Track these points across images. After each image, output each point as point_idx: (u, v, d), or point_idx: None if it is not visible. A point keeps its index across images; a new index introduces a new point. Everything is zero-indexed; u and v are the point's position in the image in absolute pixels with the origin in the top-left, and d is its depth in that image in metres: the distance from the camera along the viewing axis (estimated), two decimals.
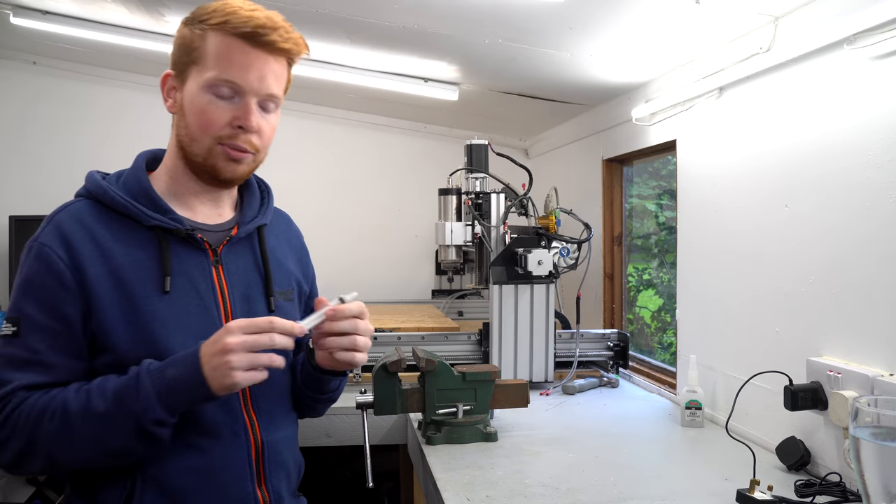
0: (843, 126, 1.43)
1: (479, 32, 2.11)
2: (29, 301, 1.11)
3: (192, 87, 1.16)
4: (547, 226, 2.30)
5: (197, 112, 1.15)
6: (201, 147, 1.17)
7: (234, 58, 1.13)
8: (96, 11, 2.54)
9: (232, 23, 1.13)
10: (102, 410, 1.06)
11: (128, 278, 1.13)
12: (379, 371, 1.68)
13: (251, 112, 1.15)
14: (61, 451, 1.08)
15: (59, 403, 1.07)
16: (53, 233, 1.14)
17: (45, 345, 1.10)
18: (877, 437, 0.96)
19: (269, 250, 1.31)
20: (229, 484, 1.18)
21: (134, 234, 1.17)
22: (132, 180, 1.21)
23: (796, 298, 1.57)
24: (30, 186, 3.27)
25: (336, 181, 3.59)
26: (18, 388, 1.08)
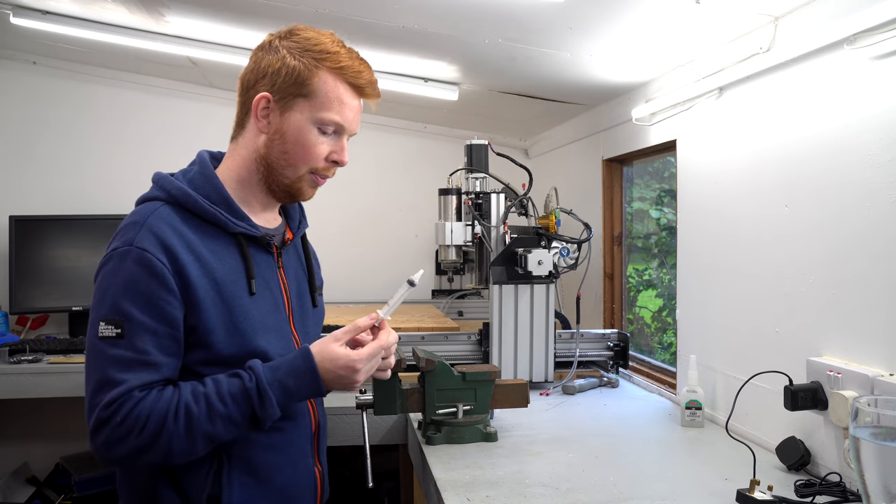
0: (843, 126, 1.43)
1: (479, 32, 2.11)
2: (132, 303, 1.15)
3: (298, 118, 1.26)
4: (547, 226, 2.30)
5: (302, 144, 1.27)
6: (295, 173, 1.30)
7: (346, 104, 1.28)
8: (96, 11, 2.54)
9: (346, 72, 1.27)
10: (223, 412, 1.17)
11: (222, 281, 1.23)
12: None
13: (345, 150, 1.32)
14: (181, 446, 1.16)
15: (181, 405, 1.16)
16: (150, 237, 1.18)
17: (151, 345, 1.16)
18: (877, 437, 0.96)
19: (310, 251, 1.49)
20: (299, 459, 1.34)
21: (219, 240, 1.26)
22: (208, 187, 1.28)
23: (796, 298, 1.57)
24: (30, 186, 3.27)
25: (336, 181, 3.53)
26: (132, 389, 1.14)
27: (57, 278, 3.04)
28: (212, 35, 2.62)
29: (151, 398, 1.15)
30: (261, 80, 1.27)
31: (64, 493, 3.03)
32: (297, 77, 1.25)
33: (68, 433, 3.19)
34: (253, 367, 1.21)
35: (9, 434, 3.22)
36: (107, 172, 3.33)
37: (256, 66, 1.28)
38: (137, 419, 1.13)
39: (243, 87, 1.30)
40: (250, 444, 1.26)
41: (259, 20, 2.34)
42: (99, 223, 3.09)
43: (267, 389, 1.19)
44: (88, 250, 3.04)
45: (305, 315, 1.42)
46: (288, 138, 1.27)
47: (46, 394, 2.53)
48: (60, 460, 3.17)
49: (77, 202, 3.25)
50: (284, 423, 1.29)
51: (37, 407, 3.07)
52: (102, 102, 3.35)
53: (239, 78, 1.31)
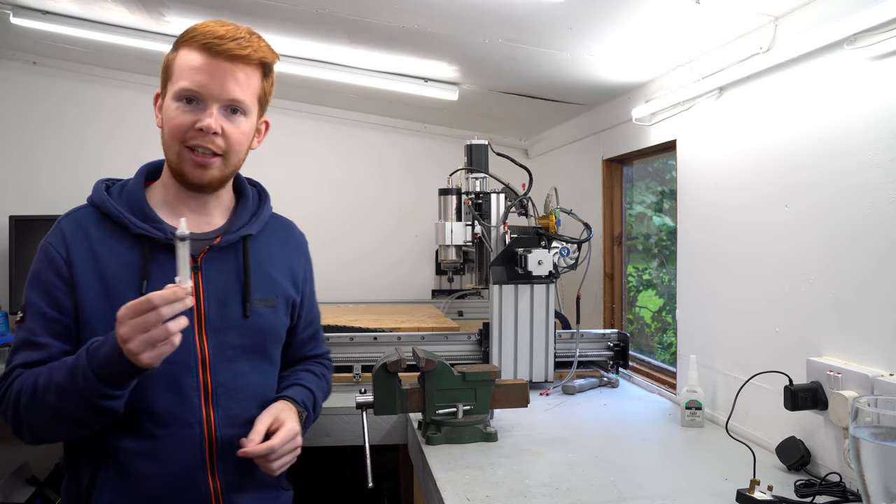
0: (843, 126, 1.43)
1: (479, 32, 2.11)
2: (33, 290, 1.28)
3: (166, 101, 1.31)
4: (547, 226, 2.30)
5: (167, 120, 1.29)
6: (172, 152, 1.30)
7: (197, 68, 1.26)
8: (96, 11, 2.54)
9: (196, 38, 1.27)
10: (61, 383, 1.18)
11: (111, 278, 1.27)
12: (379, 371, 1.68)
13: (209, 115, 1.26)
14: (35, 420, 1.23)
15: (33, 378, 1.21)
16: (58, 233, 1.32)
17: (40, 328, 1.25)
18: (877, 437, 0.96)
19: (255, 259, 1.39)
20: (179, 471, 1.28)
21: (123, 240, 1.30)
22: (130, 191, 1.37)
23: (796, 298, 1.57)
24: (30, 186, 3.26)
25: (336, 181, 3.59)
26: (17, 366, 1.25)
27: None
28: None
29: (23, 375, 1.23)
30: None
31: None
32: (165, 65, 1.32)
33: None
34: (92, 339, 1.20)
35: (9, 434, 3.21)
36: (107, 172, 3.26)
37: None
38: (10, 395, 1.23)
39: None
40: (123, 448, 1.27)
41: (259, 20, 2.34)
42: None
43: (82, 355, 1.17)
44: None
45: (227, 325, 1.33)
46: (164, 122, 1.32)
47: None
48: (60, 460, 3.16)
49: (77, 202, 3.21)
50: (158, 430, 1.26)
51: None
52: (102, 102, 3.35)
53: None
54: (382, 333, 2.34)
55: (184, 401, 1.28)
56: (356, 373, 2.24)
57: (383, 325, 2.53)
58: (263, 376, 1.40)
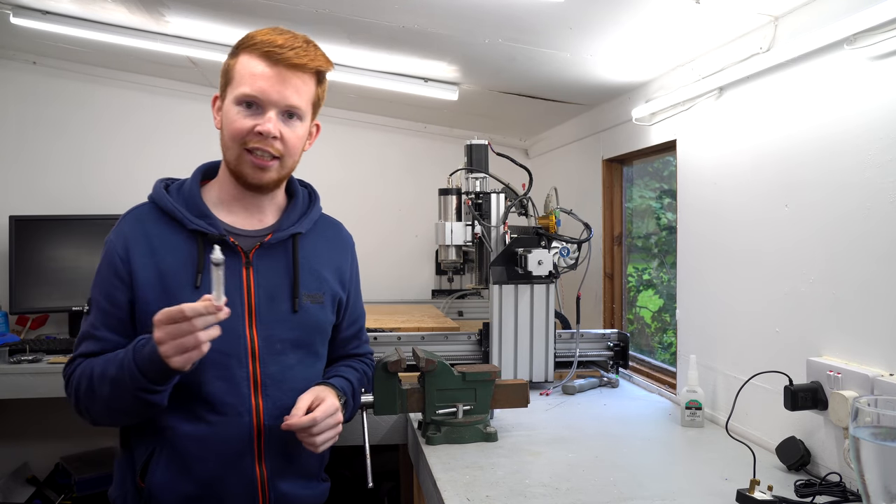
0: (843, 126, 1.43)
1: (479, 32, 2.11)
2: (95, 286, 1.37)
3: (227, 104, 1.35)
4: (547, 226, 2.30)
5: (228, 123, 1.34)
6: (232, 154, 1.35)
7: (258, 74, 1.31)
8: (96, 11, 2.54)
9: (257, 45, 1.32)
10: (112, 375, 1.27)
11: (168, 272, 1.34)
12: (379, 371, 1.68)
13: (269, 120, 1.32)
14: (92, 407, 1.33)
15: (90, 368, 1.32)
16: (118, 231, 1.39)
17: (99, 321, 1.35)
18: (877, 437, 0.96)
19: (304, 257, 1.46)
20: (230, 456, 1.36)
21: (178, 235, 1.37)
22: (187, 189, 1.42)
23: (796, 298, 1.57)
24: (30, 186, 3.26)
25: (336, 181, 3.58)
26: (79, 356, 1.37)
27: (57, 278, 3.04)
28: (212, 35, 2.62)
29: (83, 365, 1.35)
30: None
31: (64, 493, 3.03)
32: (225, 70, 1.37)
33: (68, 433, 3.19)
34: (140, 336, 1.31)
35: (9, 434, 3.22)
36: (107, 172, 3.33)
37: None
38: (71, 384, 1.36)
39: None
40: (179, 431, 1.35)
41: (259, 20, 2.34)
42: (99, 223, 3.08)
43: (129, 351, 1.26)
44: (88, 250, 3.04)
45: (277, 319, 1.40)
46: (224, 125, 1.36)
47: (46, 394, 2.52)
48: (60, 460, 3.17)
49: (77, 202, 3.24)
50: (211, 416, 1.35)
51: (37, 407, 3.06)
52: (102, 102, 3.35)
53: None
54: (382, 333, 2.34)
55: (235, 390, 1.36)
56: None
57: (383, 325, 2.53)
58: (310, 369, 1.47)
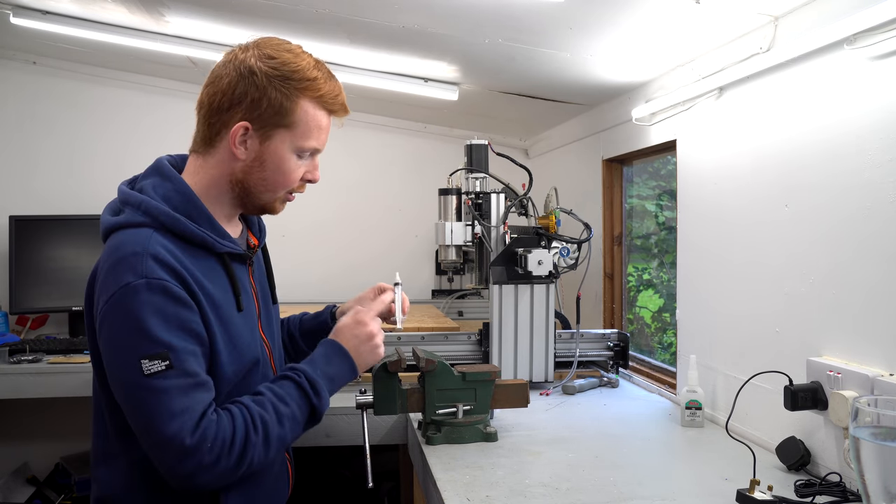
0: (843, 126, 1.43)
1: (479, 32, 2.11)
2: (170, 333, 1.15)
3: (279, 146, 1.27)
4: (547, 226, 2.30)
5: (283, 171, 1.29)
6: (273, 196, 1.32)
7: (323, 128, 1.30)
8: (96, 11, 2.54)
9: (325, 99, 1.28)
10: (289, 413, 1.24)
11: (218, 303, 1.25)
12: (379, 371, 1.68)
13: (318, 167, 1.35)
14: (260, 457, 1.20)
15: (255, 418, 1.20)
16: (159, 266, 1.17)
17: (198, 367, 1.19)
18: (877, 437, 0.96)
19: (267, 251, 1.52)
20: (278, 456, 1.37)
21: (207, 260, 1.27)
22: (189, 206, 1.27)
23: (796, 298, 1.57)
24: (30, 186, 3.26)
25: (336, 181, 3.58)
26: (205, 411, 1.16)
27: (57, 278, 3.04)
28: (212, 35, 2.62)
29: (226, 419, 1.18)
30: (236, 106, 1.24)
31: (64, 493, 3.03)
32: (279, 109, 1.25)
33: (68, 433, 3.19)
34: (295, 367, 1.31)
35: (9, 434, 3.22)
36: (107, 172, 3.31)
37: (232, 88, 1.24)
38: (224, 441, 1.16)
39: (215, 107, 1.26)
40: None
41: (259, 20, 2.34)
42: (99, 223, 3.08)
43: (317, 380, 1.29)
44: (88, 250, 3.04)
45: (269, 315, 1.46)
46: (268, 166, 1.28)
47: (46, 394, 2.53)
48: (60, 460, 3.17)
49: (77, 202, 3.24)
50: None
51: (37, 407, 3.07)
52: (102, 102, 3.35)
53: (207, 94, 1.28)
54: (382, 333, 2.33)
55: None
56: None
57: (383, 325, 2.52)
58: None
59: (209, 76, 1.30)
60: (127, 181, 1.34)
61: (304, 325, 1.66)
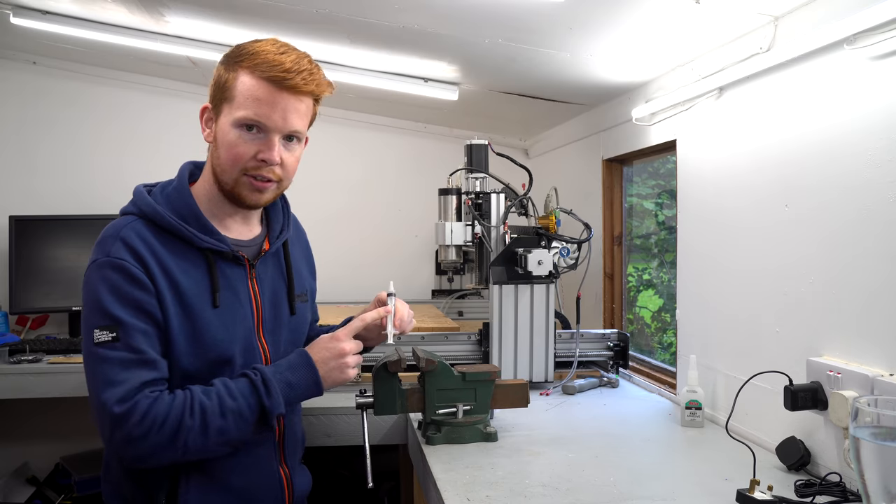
0: (843, 126, 1.43)
1: (479, 32, 2.11)
2: (121, 308, 1.23)
3: (223, 122, 1.30)
4: (547, 226, 2.30)
5: (227, 146, 1.29)
6: (230, 177, 1.32)
7: (261, 99, 1.27)
8: (96, 11, 2.54)
9: (260, 66, 1.26)
10: (233, 407, 1.26)
11: (185, 294, 1.28)
12: (379, 371, 1.68)
13: (273, 147, 1.30)
14: (196, 442, 1.23)
15: (195, 402, 1.24)
16: (123, 248, 1.26)
17: (146, 345, 1.24)
18: (877, 437, 0.96)
19: (292, 260, 1.51)
20: (259, 462, 1.39)
21: (187, 254, 1.31)
22: (180, 202, 1.34)
23: (796, 298, 1.57)
24: (30, 186, 3.26)
25: (336, 181, 3.59)
26: (139, 385, 1.22)
27: (57, 278, 3.04)
28: (212, 35, 2.62)
29: (166, 399, 1.23)
30: (209, 94, 1.35)
31: (64, 493, 3.03)
32: (222, 83, 1.30)
33: (68, 433, 3.19)
34: (256, 366, 1.33)
35: (9, 434, 3.22)
36: (107, 172, 3.33)
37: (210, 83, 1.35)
38: (156, 417, 1.20)
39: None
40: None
41: (259, 20, 2.34)
42: (99, 223, 3.04)
43: (271, 380, 1.29)
44: (88, 250, 2.97)
45: (279, 324, 1.45)
46: (220, 143, 1.31)
47: (46, 394, 2.52)
48: (60, 460, 3.17)
49: (77, 202, 3.25)
50: None
51: (37, 407, 3.07)
52: (102, 102, 3.35)
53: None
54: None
55: None
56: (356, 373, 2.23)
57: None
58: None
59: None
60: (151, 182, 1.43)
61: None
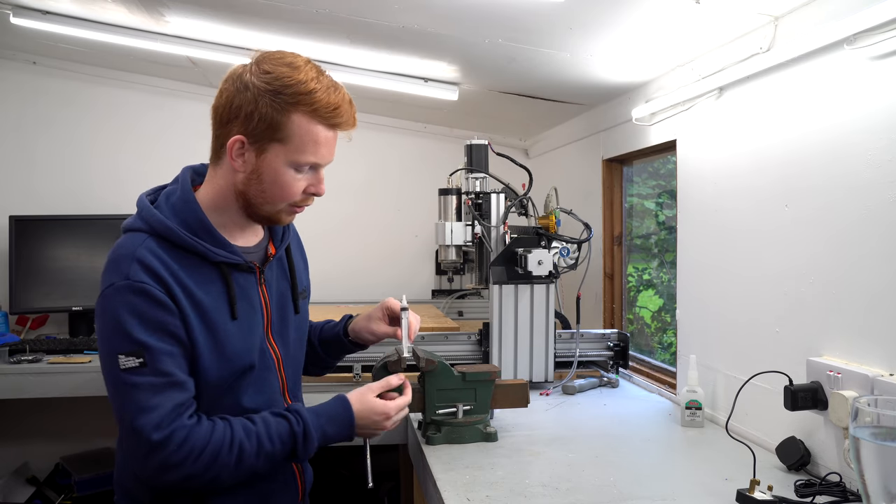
0: (843, 126, 1.43)
1: (479, 32, 2.11)
2: (145, 332, 1.20)
3: (274, 161, 1.27)
4: (547, 226, 2.30)
5: (280, 184, 1.28)
6: (274, 208, 1.32)
7: (320, 142, 1.27)
8: (96, 11, 2.54)
9: (320, 112, 1.25)
10: (269, 451, 1.27)
11: (206, 309, 1.27)
12: (379, 371, 1.68)
13: (323, 181, 1.33)
14: (228, 477, 1.25)
15: (235, 441, 1.24)
16: (141, 270, 1.22)
17: (173, 367, 1.22)
18: (877, 437, 0.96)
19: (293, 259, 1.50)
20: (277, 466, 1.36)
21: (201, 269, 1.29)
22: (189, 214, 1.30)
23: (796, 298, 1.57)
24: (30, 186, 3.26)
25: (336, 181, 3.54)
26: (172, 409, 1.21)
27: (57, 278, 3.04)
28: (212, 35, 2.62)
29: (205, 429, 1.23)
30: (234, 119, 1.26)
31: (64, 493, 3.03)
32: (269, 123, 1.24)
33: (68, 433, 3.19)
34: (299, 411, 1.33)
35: (9, 434, 3.22)
36: (107, 172, 3.33)
37: (229, 102, 1.26)
38: (193, 448, 1.20)
39: (218, 121, 1.29)
40: None
41: (259, 20, 2.34)
42: (99, 223, 3.08)
43: (313, 434, 1.31)
44: (88, 250, 3.04)
45: (286, 325, 1.45)
46: (265, 179, 1.28)
47: (46, 394, 2.53)
48: (60, 460, 3.17)
49: (77, 202, 3.25)
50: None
51: (37, 407, 3.07)
52: (102, 102, 3.35)
53: (212, 108, 1.30)
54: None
55: (271, 399, 1.39)
56: (356, 373, 2.24)
57: None
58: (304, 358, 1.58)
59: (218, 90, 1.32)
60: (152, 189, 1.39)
61: (323, 333, 1.69)
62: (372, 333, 1.60)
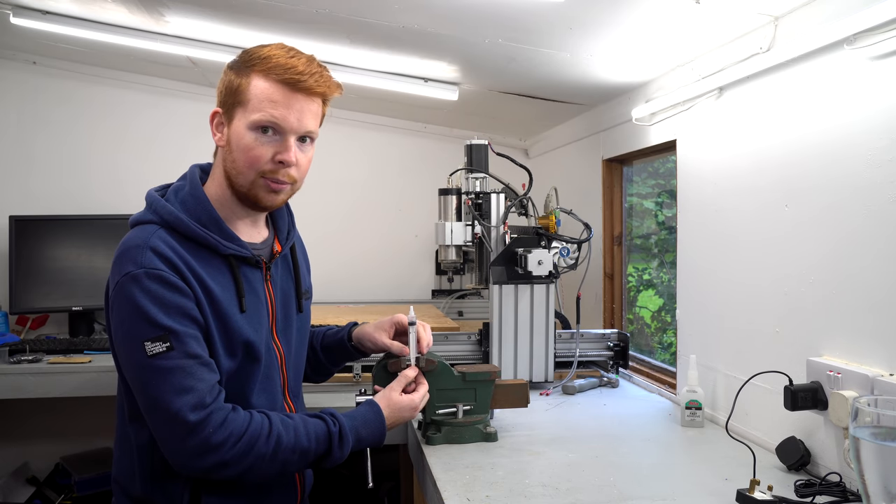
0: (844, 126, 1.43)
1: (479, 32, 2.11)
2: (167, 316, 1.22)
3: (238, 126, 1.30)
4: (547, 226, 2.30)
5: (243, 149, 1.30)
6: (246, 179, 1.32)
7: (277, 101, 1.28)
8: (96, 11, 2.54)
9: (275, 70, 1.28)
10: (306, 447, 1.29)
11: (217, 300, 1.29)
12: (379, 371, 1.68)
13: (290, 149, 1.31)
14: (262, 468, 1.26)
15: (273, 431, 1.26)
16: (156, 258, 1.25)
17: (199, 348, 1.25)
18: (877, 437, 0.96)
19: (298, 261, 1.53)
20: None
21: (212, 260, 1.32)
22: (198, 207, 1.33)
23: (796, 298, 1.57)
24: (30, 186, 3.26)
25: (336, 181, 3.59)
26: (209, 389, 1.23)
27: (57, 278, 3.04)
28: (212, 35, 2.62)
29: (242, 415, 1.25)
30: (218, 98, 1.35)
31: (64, 493, 3.03)
32: (234, 87, 1.31)
33: (68, 433, 3.19)
34: (333, 413, 1.37)
35: (9, 434, 3.22)
36: (107, 172, 3.33)
37: (217, 91, 1.36)
38: (232, 433, 1.22)
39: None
40: None
41: (259, 20, 2.34)
42: (99, 223, 3.08)
43: (348, 436, 1.34)
44: (88, 250, 3.04)
45: (289, 323, 1.47)
46: (233, 146, 1.31)
47: (46, 394, 2.53)
48: (60, 460, 3.17)
49: (77, 202, 3.24)
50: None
51: (37, 407, 3.07)
52: (102, 102, 3.35)
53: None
54: None
55: (274, 398, 1.40)
56: (356, 373, 2.24)
57: None
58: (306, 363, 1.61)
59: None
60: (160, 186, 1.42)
61: (325, 339, 1.70)
62: (373, 342, 1.61)
